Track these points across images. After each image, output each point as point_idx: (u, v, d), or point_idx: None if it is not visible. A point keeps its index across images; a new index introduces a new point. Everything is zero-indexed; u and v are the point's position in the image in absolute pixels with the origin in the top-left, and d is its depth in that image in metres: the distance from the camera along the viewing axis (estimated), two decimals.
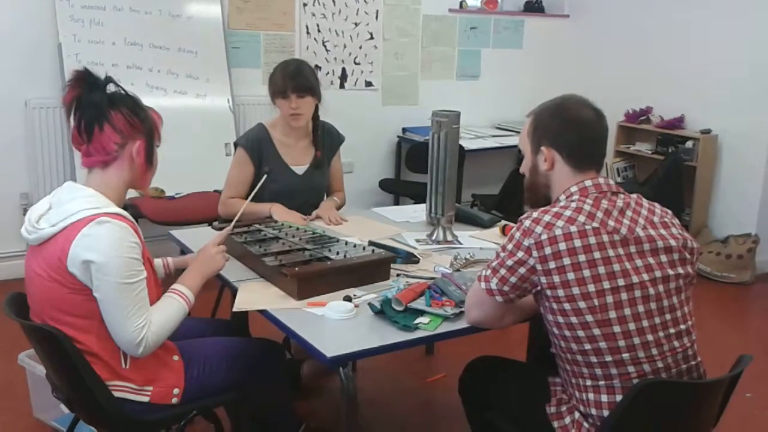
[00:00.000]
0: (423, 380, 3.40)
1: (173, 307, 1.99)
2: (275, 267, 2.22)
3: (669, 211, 1.95)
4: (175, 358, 2.05)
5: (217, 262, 2.19)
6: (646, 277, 1.78)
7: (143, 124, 1.97)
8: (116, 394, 1.94)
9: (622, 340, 1.75)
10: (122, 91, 1.97)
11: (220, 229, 2.71)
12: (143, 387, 1.97)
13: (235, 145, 3.16)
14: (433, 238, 2.79)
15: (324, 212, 3.04)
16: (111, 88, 1.95)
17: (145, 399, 1.97)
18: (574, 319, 1.76)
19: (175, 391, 2.02)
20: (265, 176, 2.60)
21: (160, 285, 2.04)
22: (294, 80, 2.98)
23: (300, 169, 3.15)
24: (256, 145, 3.07)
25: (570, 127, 1.92)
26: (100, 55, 4.36)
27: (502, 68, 6.11)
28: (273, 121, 3.18)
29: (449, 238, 2.79)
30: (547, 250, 1.76)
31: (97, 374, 1.90)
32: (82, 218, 1.82)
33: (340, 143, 3.28)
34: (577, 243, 1.75)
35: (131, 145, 1.95)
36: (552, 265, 1.76)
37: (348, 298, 2.13)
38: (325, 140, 3.21)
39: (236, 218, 2.46)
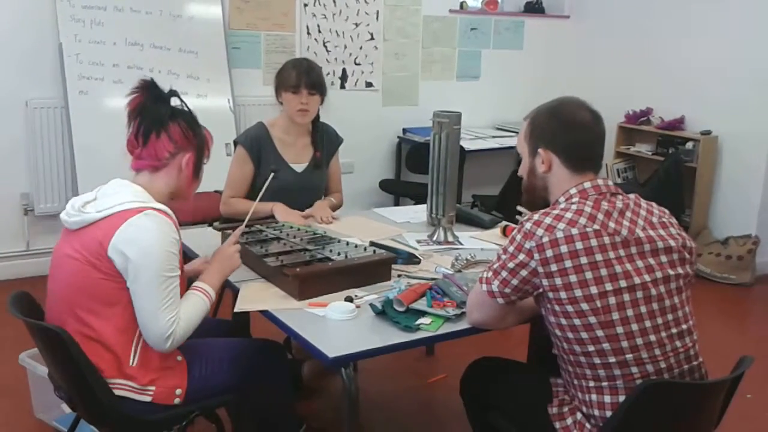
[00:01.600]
0: (424, 381, 3.40)
1: (198, 304, 2.04)
2: (277, 267, 2.23)
3: (666, 211, 1.96)
4: (179, 358, 2.06)
5: (235, 261, 2.22)
6: (647, 277, 1.78)
7: (197, 139, 2.09)
8: (119, 393, 1.94)
9: (625, 341, 1.75)
10: (184, 106, 2.09)
11: (221, 229, 2.72)
12: (146, 387, 1.97)
13: (235, 143, 3.17)
14: (434, 238, 2.79)
15: (316, 211, 3.05)
16: (175, 101, 2.06)
17: (148, 399, 1.97)
18: (576, 321, 1.77)
19: (178, 391, 2.02)
20: (272, 175, 2.61)
21: (185, 289, 2.07)
22: (308, 76, 3.02)
23: (299, 167, 3.16)
24: (255, 143, 3.09)
25: (567, 129, 1.92)
26: (101, 55, 4.36)
27: (502, 69, 6.12)
28: (273, 120, 3.19)
29: (450, 238, 2.79)
30: (549, 253, 1.76)
31: (100, 374, 1.91)
32: (130, 209, 1.89)
33: (339, 145, 3.30)
34: (579, 245, 1.75)
35: (182, 156, 2.05)
36: (554, 267, 1.76)
37: (349, 299, 2.13)
38: (324, 141, 3.22)
39: (248, 217, 2.47)
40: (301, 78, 3.01)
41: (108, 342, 1.92)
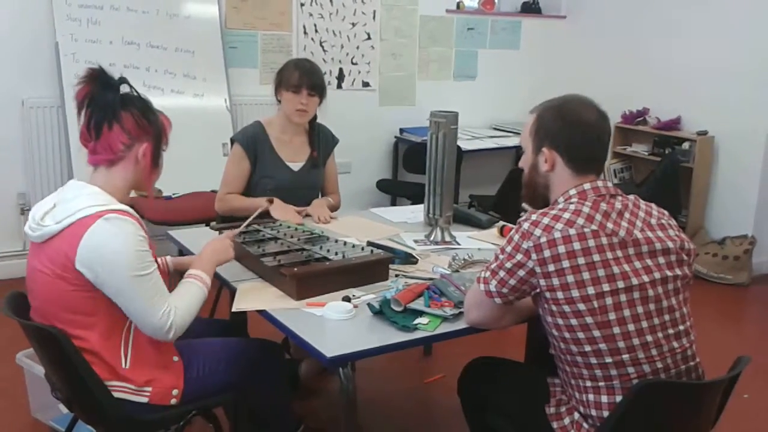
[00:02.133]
0: (421, 381, 3.40)
1: (192, 290, 2.03)
2: (274, 267, 2.22)
3: (666, 213, 1.96)
4: (175, 359, 2.05)
5: (229, 253, 2.23)
6: (645, 278, 1.78)
7: (152, 127, 1.98)
8: (115, 394, 1.93)
9: (621, 342, 1.76)
10: (135, 93, 1.98)
11: (218, 229, 2.73)
12: (142, 388, 1.96)
13: (232, 141, 3.17)
14: (432, 238, 2.79)
15: (314, 210, 3.05)
16: (124, 88, 1.96)
17: (144, 400, 1.97)
18: (573, 321, 1.77)
19: (174, 391, 2.01)
20: (259, 210, 2.63)
21: (167, 277, 2.05)
22: (310, 77, 3.03)
23: (295, 166, 3.17)
24: (252, 141, 3.09)
25: (572, 130, 1.91)
26: (98, 54, 4.34)
27: (499, 69, 6.12)
28: (270, 118, 3.20)
29: (447, 238, 2.79)
30: (546, 253, 1.76)
31: (97, 374, 1.90)
32: (89, 215, 1.83)
33: (335, 145, 3.30)
34: (576, 246, 1.75)
35: (138, 146, 1.96)
36: (551, 267, 1.76)
37: (347, 299, 2.13)
38: (320, 141, 3.22)
39: (252, 217, 2.47)
40: (303, 78, 3.01)
41: (95, 349, 1.89)
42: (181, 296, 1.99)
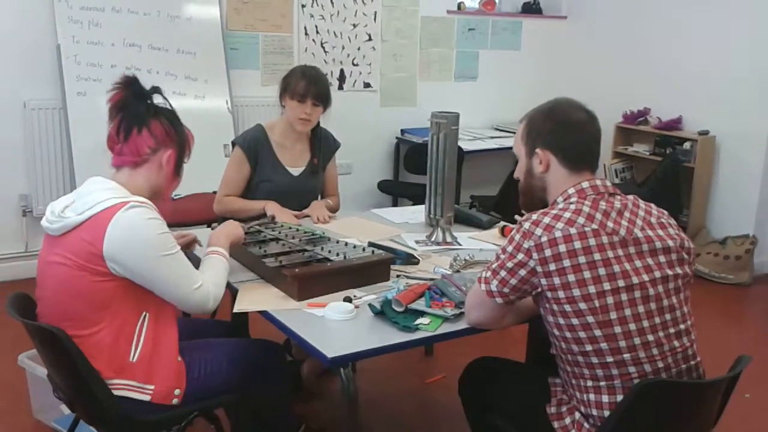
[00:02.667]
0: (423, 381, 3.40)
1: (216, 263, 2.13)
2: (275, 268, 2.23)
3: (665, 212, 1.96)
4: (179, 359, 2.05)
5: (240, 230, 2.34)
6: (645, 277, 1.78)
7: (178, 136, 2.08)
8: (118, 392, 1.94)
9: (623, 341, 1.76)
10: (167, 104, 2.08)
11: None
12: (145, 384, 1.97)
13: (233, 144, 3.18)
14: (433, 239, 2.80)
15: (313, 210, 3.07)
16: (157, 98, 2.05)
17: (147, 398, 1.97)
18: (575, 321, 1.77)
19: (176, 392, 2.02)
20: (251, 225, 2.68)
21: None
22: (316, 87, 3.03)
23: (296, 171, 3.17)
24: (253, 145, 3.10)
25: (563, 129, 1.94)
26: (99, 56, 4.36)
27: (500, 69, 6.13)
28: (272, 122, 3.20)
29: (448, 239, 2.79)
30: (547, 252, 1.77)
31: (99, 374, 1.90)
32: (111, 206, 1.88)
33: (336, 149, 3.31)
34: (577, 245, 1.76)
35: (163, 152, 2.04)
36: (552, 267, 1.76)
37: (348, 299, 2.13)
38: (322, 146, 3.23)
39: (258, 222, 2.51)
40: (309, 89, 3.01)
41: (105, 341, 1.91)
42: (207, 270, 2.08)
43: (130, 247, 1.86)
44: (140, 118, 2.00)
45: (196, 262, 2.12)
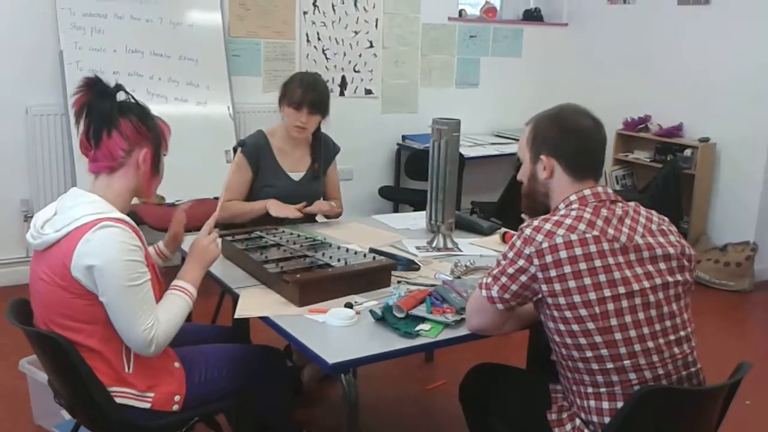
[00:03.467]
0: (423, 387, 3.40)
1: (177, 303, 2.01)
2: (276, 274, 2.23)
3: (666, 219, 1.96)
4: (177, 365, 2.05)
5: (212, 252, 2.19)
6: (646, 284, 1.79)
7: (151, 133, 1.99)
8: (118, 400, 1.94)
9: (623, 347, 1.76)
10: (132, 99, 2.00)
11: (221, 236, 2.73)
12: (144, 393, 1.97)
13: (234, 149, 3.18)
14: (434, 245, 2.80)
15: (316, 205, 3.09)
16: (121, 95, 1.97)
17: (147, 405, 1.97)
18: (575, 327, 1.77)
19: (176, 398, 2.02)
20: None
21: (163, 288, 2.05)
22: (312, 96, 3.02)
23: (296, 176, 3.18)
24: (255, 151, 3.11)
25: (569, 136, 1.93)
26: (101, 62, 4.37)
27: (501, 76, 6.13)
28: (273, 128, 3.22)
29: (449, 245, 2.80)
30: (548, 258, 1.77)
31: (99, 380, 1.91)
32: (85, 223, 1.84)
33: (336, 154, 3.32)
34: (578, 251, 1.76)
35: (138, 152, 1.97)
36: (553, 273, 1.77)
37: (349, 305, 2.13)
38: (322, 151, 3.24)
39: (211, 220, 2.36)
40: (305, 97, 3.01)
41: (97, 354, 1.90)
42: (165, 309, 1.97)
43: (93, 266, 1.81)
44: (107, 120, 1.92)
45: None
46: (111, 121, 1.92)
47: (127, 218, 1.92)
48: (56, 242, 1.86)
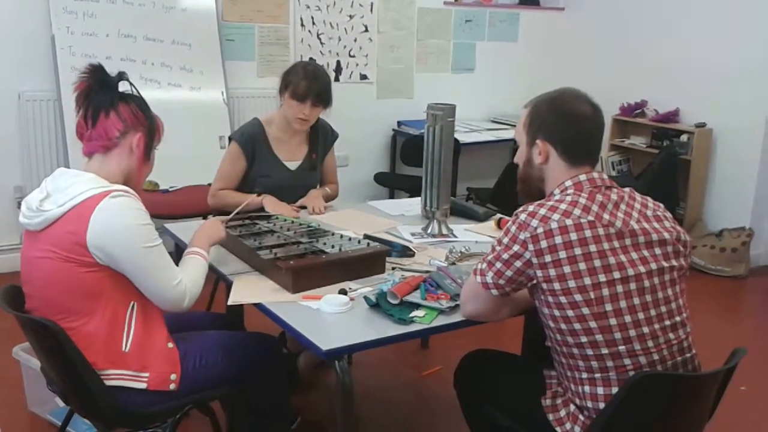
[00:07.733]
0: (418, 373, 3.40)
1: (194, 262, 2.12)
2: (270, 260, 2.22)
3: (661, 205, 1.96)
4: (170, 345, 2.05)
5: (221, 231, 2.31)
6: (641, 269, 1.78)
7: (147, 120, 2.05)
8: (114, 383, 1.94)
9: (618, 333, 1.75)
10: (134, 90, 2.06)
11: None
12: (139, 373, 1.97)
13: (230, 138, 3.16)
14: (429, 231, 2.79)
15: (309, 200, 3.06)
16: (123, 85, 2.03)
17: (143, 386, 1.97)
18: (570, 312, 1.77)
19: (173, 376, 2.02)
20: (246, 203, 2.65)
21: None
22: (317, 88, 2.99)
23: (292, 165, 3.16)
24: (250, 141, 3.08)
25: (567, 122, 1.92)
26: (94, 47, 4.33)
27: (497, 61, 6.11)
28: (269, 116, 3.18)
29: (444, 231, 2.79)
30: (543, 244, 1.76)
31: (91, 365, 1.90)
32: (93, 195, 1.87)
33: (334, 140, 3.30)
34: (573, 236, 1.75)
35: (132, 135, 2.01)
36: (548, 258, 1.76)
37: (343, 292, 2.13)
38: (319, 138, 3.21)
39: (240, 208, 2.49)
40: (309, 90, 2.98)
41: (97, 333, 1.91)
42: (187, 268, 2.06)
43: (113, 236, 1.85)
44: (107, 102, 1.98)
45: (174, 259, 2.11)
46: (111, 104, 1.98)
47: (129, 189, 1.96)
48: (60, 217, 1.87)
